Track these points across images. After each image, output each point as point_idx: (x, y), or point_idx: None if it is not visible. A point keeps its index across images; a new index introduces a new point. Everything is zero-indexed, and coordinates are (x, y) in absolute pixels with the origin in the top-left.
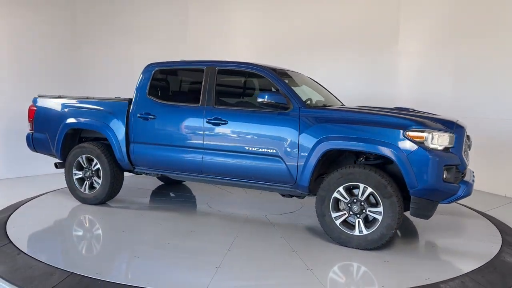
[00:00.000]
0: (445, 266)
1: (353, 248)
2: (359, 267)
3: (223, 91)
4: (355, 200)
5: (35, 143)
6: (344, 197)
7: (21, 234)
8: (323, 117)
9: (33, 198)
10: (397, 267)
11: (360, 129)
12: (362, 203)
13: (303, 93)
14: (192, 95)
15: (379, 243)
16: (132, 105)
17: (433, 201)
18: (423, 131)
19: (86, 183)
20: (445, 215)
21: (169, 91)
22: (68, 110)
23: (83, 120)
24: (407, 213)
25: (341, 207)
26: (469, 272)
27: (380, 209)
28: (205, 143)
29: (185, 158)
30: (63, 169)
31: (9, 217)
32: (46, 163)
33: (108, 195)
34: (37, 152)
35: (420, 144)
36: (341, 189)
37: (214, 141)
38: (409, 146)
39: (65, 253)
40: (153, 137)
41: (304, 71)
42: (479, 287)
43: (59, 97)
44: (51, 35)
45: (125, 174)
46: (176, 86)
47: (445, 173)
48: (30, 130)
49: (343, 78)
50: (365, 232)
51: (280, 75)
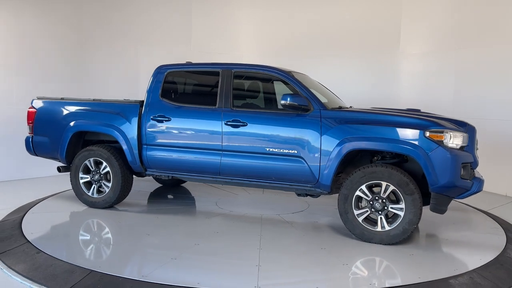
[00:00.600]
0: (452, 262)
1: (375, 243)
2: (391, 260)
3: (240, 93)
4: (376, 198)
5: (35, 147)
6: (366, 195)
7: (37, 234)
8: (344, 118)
9: (45, 198)
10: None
11: (383, 130)
12: (384, 200)
13: None
14: (207, 97)
15: (401, 238)
16: (144, 107)
17: (449, 197)
18: (442, 131)
19: (94, 186)
20: (450, 213)
21: (183, 93)
22: (74, 112)
23: (91, 122)
24: None
25: (362, 204)
26: (476, 268)
27: (402, 205)
28: (223, 144)
29: (202, 160)
30: (66, 172)
31: (23, 217)
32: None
33: (118, 198)
34: (37, 155)
35: (440, 143)
36: (363, 187)
37: (233, 142)
38: (430, 146)
39: (84, 252)
40: (169, 139)
41: (307, 73)
42: (487, 282)
43: (61, 99)
44: (56, 38)
45: None
46: (190, 88)
47: (462, 170)
48: (29, 134)
49: (345, 80)
50: (387, 228)
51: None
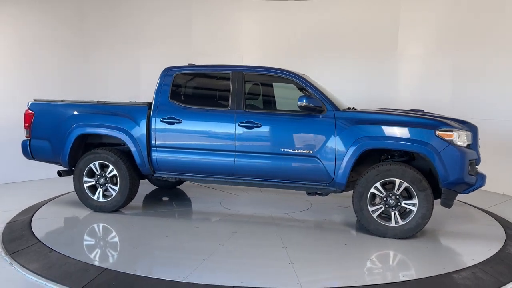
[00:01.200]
0: (453, 257)
1: (390, 238)
2: (406, 253)
3: (252, 95)
4: (390, 194)
5: (34, 151)
6: (381, 192)
7: (48, 234)
8: (357, 119)
9: (51, 200)
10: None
11: (397, 130)
12: (397, 197)
13: None
14: (218, 99)
15: (415, 232)
16: (152, 110)
17: (456, 192)
18: (451, 130)
19: (100, 190)
20: (449, 211)
21: (194, 95)
22: (79, 115)
23: (98, 125)
24: None
25: (376, 201)
26: (478, 263)
27: (415, 201)
28: (237, 145)
29: (215, 161)
30: (67, 176)
31: (31, 218)
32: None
33: (126, 201)
34: (34, 160)
35: (450, 142)
36: (377, 184)
37: (247, 143)
38: (441, 144)
39: (99, 251)
40: (180, 141)
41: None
42: (489, 277)
43: (62, 101)
44: (58, 40)
45: None
46: (200, 90)
47: (469, 167)
48: (26, 137)
49: (343, 80)
50: (401, 222)
51: None
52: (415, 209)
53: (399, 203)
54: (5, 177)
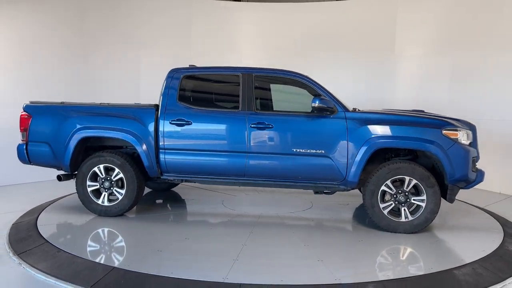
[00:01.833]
0: (453, 254)
1: (400, 233)
2: (416, 247)
3: (262, 96)
4: (399, 191)
5: (31, 155)
6: (391, 189)
7: (55, 234)
8: (367, 119)
9: (55, 201)
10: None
11: (407, 130)
12: (407, 193)
13: None
14: (228, 100)
15: (424, 226)
16: (160, 112)
17: (459, 187)
18: (456, 129)
19: (105, 194)
20: (447, 209)
21: (203, 97)
22: (82, 117)
23: (104, 128)
24: None
25: (386, 198)
26: (478, 260)
27: (423, 197)
28: (248, 146)
29: (227, 163)
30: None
31: (37, 218)
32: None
33: (133, 204)
34: (31, 164)
35: (455, 140)
36: (388, 182)
37: (259, 144)
38: (447, 143)
39: (105, 251)
40: (190, 143)
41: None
42: (489, 273)
43: (61, 103)
44: (58, 41)
45: None
46: (209, 92)
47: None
48: (22, 141)
49: (341, 81)
50: (410, 218)
51: None
52: (423, 204)
53: (408, 200)
54: (5, 177)
